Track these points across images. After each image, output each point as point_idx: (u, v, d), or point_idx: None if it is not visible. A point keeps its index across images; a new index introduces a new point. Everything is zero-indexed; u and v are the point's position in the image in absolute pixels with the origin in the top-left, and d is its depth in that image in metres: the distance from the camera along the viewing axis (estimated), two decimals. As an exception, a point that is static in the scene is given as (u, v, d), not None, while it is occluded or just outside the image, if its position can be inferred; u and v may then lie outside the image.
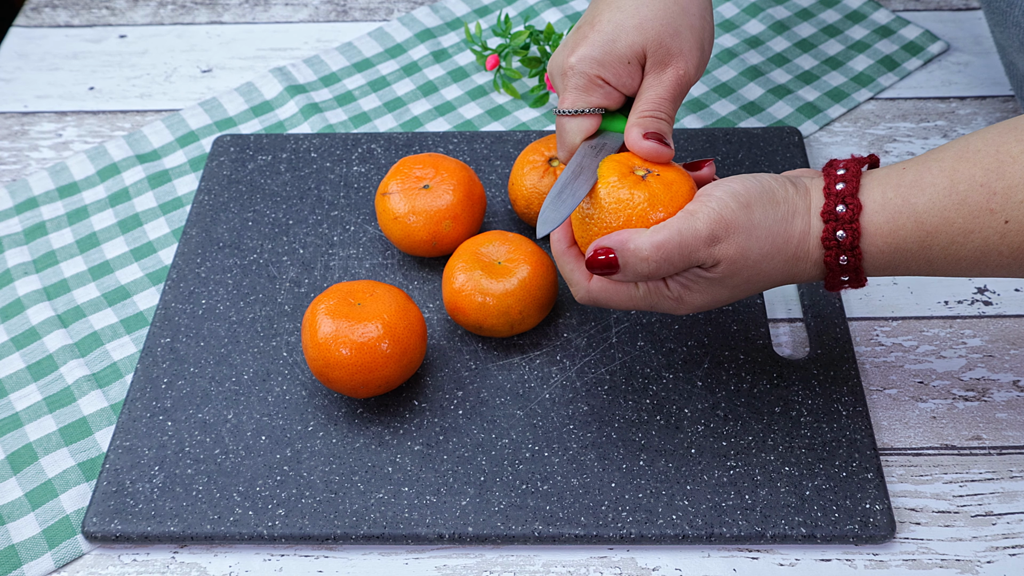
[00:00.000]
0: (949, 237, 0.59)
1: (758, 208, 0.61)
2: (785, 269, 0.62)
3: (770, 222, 0.61)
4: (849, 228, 0.60)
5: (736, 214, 0.60)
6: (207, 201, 0.87)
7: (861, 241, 0.60)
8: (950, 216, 0.59)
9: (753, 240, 0.61)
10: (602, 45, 0.67)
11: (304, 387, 0.75)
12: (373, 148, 0.91)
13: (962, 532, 0.67)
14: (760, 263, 0.62)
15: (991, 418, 0.73)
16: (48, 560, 0.68)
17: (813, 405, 0.72)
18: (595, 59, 0.67)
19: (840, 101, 0.96)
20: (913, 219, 0.59)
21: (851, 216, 0.60)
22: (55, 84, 1.01)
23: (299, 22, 1.07)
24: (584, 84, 0.67)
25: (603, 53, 0.67)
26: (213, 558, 0.68)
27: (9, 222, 0.88)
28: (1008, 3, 0.78)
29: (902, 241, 0.60)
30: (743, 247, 0.61)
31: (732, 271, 0.61)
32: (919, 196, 0.59)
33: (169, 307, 0.80)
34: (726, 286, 0.63)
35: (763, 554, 0.67)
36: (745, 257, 0.61)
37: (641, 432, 0.71)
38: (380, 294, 0.71)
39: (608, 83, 0.67)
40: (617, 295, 0.65)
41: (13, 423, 0.75)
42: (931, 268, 0.61)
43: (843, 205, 0.60)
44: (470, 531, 0.67)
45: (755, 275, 0.62)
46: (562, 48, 0.69)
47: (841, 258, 0.61)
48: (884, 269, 0.62)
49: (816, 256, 0.62)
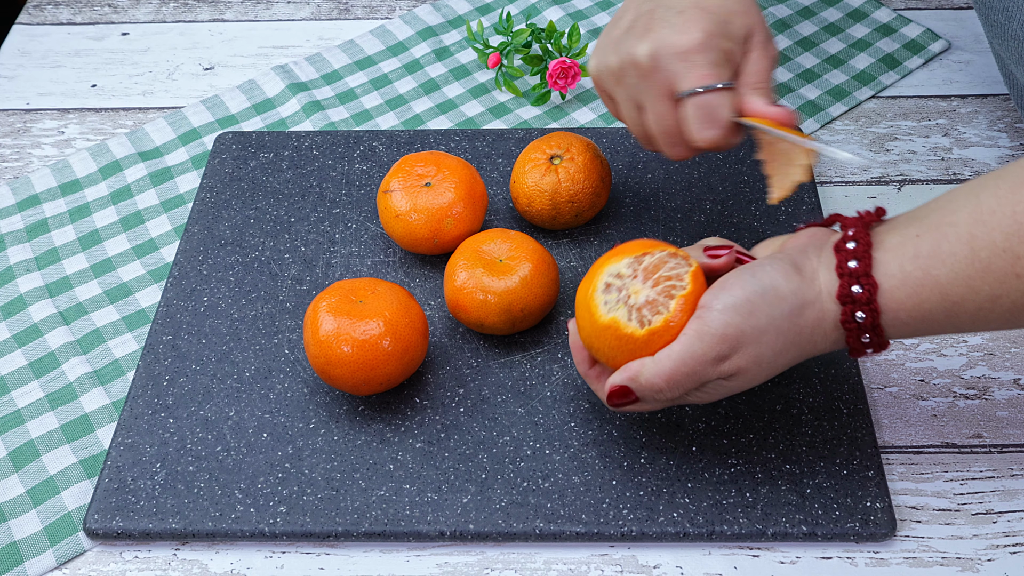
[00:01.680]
0: (976, 304, 0.57)
1: (763, 312, 0.59)
2: (803, 352, 0.61)
3: (778, 321, 0.60)
4: (868, 309, 0.58)
5: (741, 328, 0.59)
6: (209, 198, 0.88)
7: (882, 318, 0.59)
8: (975, 285, 0.57)
9: (764, 345, 0.60)
10: (719, 24, 0.67)
11: (305, 384, 0.75)
12: (375, 146, 0.91)
13: (963, 530, 0.67)
14: (776, 359, 0.61)
15: (992, 416, 0.73)
16: (50, 557, 0.68)
17: (814, 403, 0.72)
18: (719, 34, 0.66)
19: (841, 99, 0.96)
20: (937, 292, 0.58)
21: (868, 297, 0.58)
22: (57, 81, 1.01)
23: (301, 20, 1.08)
24: (719, 59, 0.67)
25: (723, 29, 0.67)
26: (215, 555, 0.68)
27: (11, 219, 0.88)
28: (1006, 16, 0.78)
29: (927, 314, 0.58)
30: (754, 355, 0.60)
31: (749, 373, 0.61)
32: (940, 268, 0.57)
33: (171, 304, 0.80)
34: (746, 383, 0.62)
35: (764, 552, 0.67)
36: (759, 362, 0.60)
37: (642, 430, 0.71)
38: (382, 292, 0.71)
39: (729, 56, 0.67)
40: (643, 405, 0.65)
41: (15, 420, 0.75)
42: (957, 330, 0.60)
43: (859, 286, 0.58)
44: (471, 528, 0.67)
45: (773, 368, 0.62)
46: (629, 41, 0.68)
47: (864, 337, 0.60)
48: (908, 335, 0.61)
49: (835, 336, 0.61)
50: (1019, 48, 0.78)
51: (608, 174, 0.81)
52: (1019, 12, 0.76)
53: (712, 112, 0.67)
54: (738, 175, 0.87)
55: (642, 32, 0.68)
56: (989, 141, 0.91)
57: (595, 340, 0.64)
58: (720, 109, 0.67)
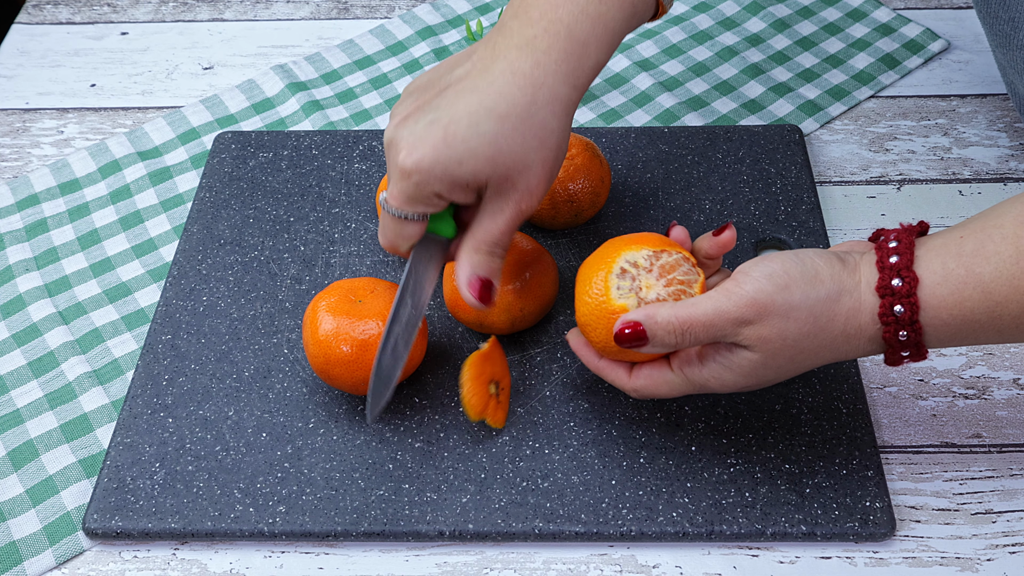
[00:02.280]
0: (1021, 306, 0.57)
1: (798, 289, 0.59)
2: (834, 347, 0.61)
3: (812, 302, 0.59)
4: (907, 302, 0.58)
5: (772, 297, 0.59)
6: (208, 198, 0.88)
7: (922, 315, 0.58)
8: (1020, 284, 0.56)
9: (792, 321, 0.59)
10: (445, 163, 0.62)
11: (305, 384, 0.75)
12: (374, 145, 0.91)
13: (962, 530, 0.67)
14: (801, 342, 0.60)
15: (991, 416, 0.73)
16: (49, 557, 0.68)
17: (813, 403, 0.72)
18: (435, 176, 0.62)
19: (841, 99, 0.96)
20: (980, 290, 0.57)
21: (908, 290, 0.58)
22: (57, 81, 1.01)
23: (300, 19, 1.08)
24: (416, 194, 0.63)
25: (444, 171, 0.62)
26: (214, 555, 0.68)
27: (10, 219, 0.88)
28: (1012, 26, 0.77)
29: (969, 312, 0.58)
30: (780, 329, 0.59)
31: (771, 352, 0.60)
32: (984, 266, 0.57)
33: (170, 304, 0.80)
34: (769, 368, 0.61)
35: (763, 551, 0.67)
36: (783, 338, 0.59)
37: (641, 429, 0.71)
38: (381, 291, 0.71)
39: (442, 197, 0.64)
40: (657, 385, 0.65)
41: (14, 419, 0.75)
42: (1000, 337, 0.59)
43: (899, 279, 0.58)
44: (471, 528, 0.67)
45: (798, 354, 0.61)
46: (403, 129, 0.63)
47: (900, 333, 0.59)
48: (949, 340, 0.60)
49: (871, 332, 0.60)
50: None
51: (607, 174, 0.81)
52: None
53: (387, 235, 0.66)
54: (738, 175, 0.87)
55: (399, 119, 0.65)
56: (989, 141, 0.91)
57: (596, 320, 0.64)
58: (394, 238, 0.66)
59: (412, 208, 0.64)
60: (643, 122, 0.94)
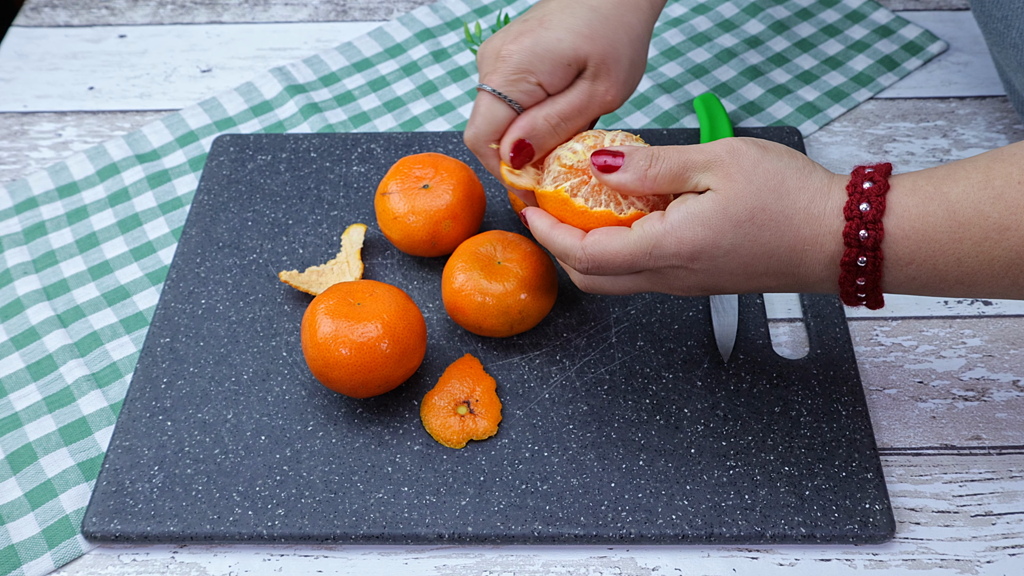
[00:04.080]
0: (983, 232, 0.57)
1: (773, 151, 0.60)
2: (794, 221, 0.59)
3: (783, 164, 0.59)
4: (875, 200, 0.58)
5: (748, 146, 0.59)
6: (207, 201, 0.87)
7: (886, 219, 0.58)
8: (984, 209, 0.56)
9: (760, 169, 0.59)
10: (547, 42, 0.67)
11: (304, 387, 0.75)
12: (373, 148, 0.91)
13: (962, 532, 0.67)
14: (765, 196, 0.59)
15: (991, 418, 0.73)
16: (48, 560, 0.68)
17: (813, 405, 0.72)
18: (535, 53, 0.66)
19: (840, 101, 0.96)
20: (945, 207, 0.57)
21: (878, 191, 0.58)
22: (55, 84, 1.01)
23: (299, 22, 1.07)
24: (514, 73, 0.67)
25: (545, 49, 0.66)
26: (213, 558, 0.68)
27: (9, 222, 0.88)
28: (1005, 24, 0.77)
29: (931, 229, 0.57)
30: (746, 170, 0.59)
31: (733, 192, 0.59)
32: (951, 187, 0.57)
33: (169, 307, 0.80)
34: (728, 219, 0.59)
35: (763, 554, 0.67)
36: (748, 180, 0.59)
37: (641, 432, 0.71)
38: (380, 294, 0.71)
39: (539, 82, 0.67)
40: (611, 245, 0.61)
41: (13, 423, 0.75)
42: (959, 268, 0.58)
43: (870, 182, 0.58)
44: (470, 531, 0.67)
45: (759, 211, 0.59)
46: (503, 33, 0.68)
47: (860, 259, 0.58)
48: (908, 264, 0.59)
49: (835, 225, 0.59)
50: (1018, 56, 0.78)
51: (606, 176, 0.81)
52: (1018, 20, 0.76)
53: (474, 115, 0.68)
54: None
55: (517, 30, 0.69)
56: (988, 142, 0.91)
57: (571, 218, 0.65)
58: (480, 117, 0.68)
59: (508, 88, 0.67)
60: (642, 124, 0.94)
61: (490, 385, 0.73)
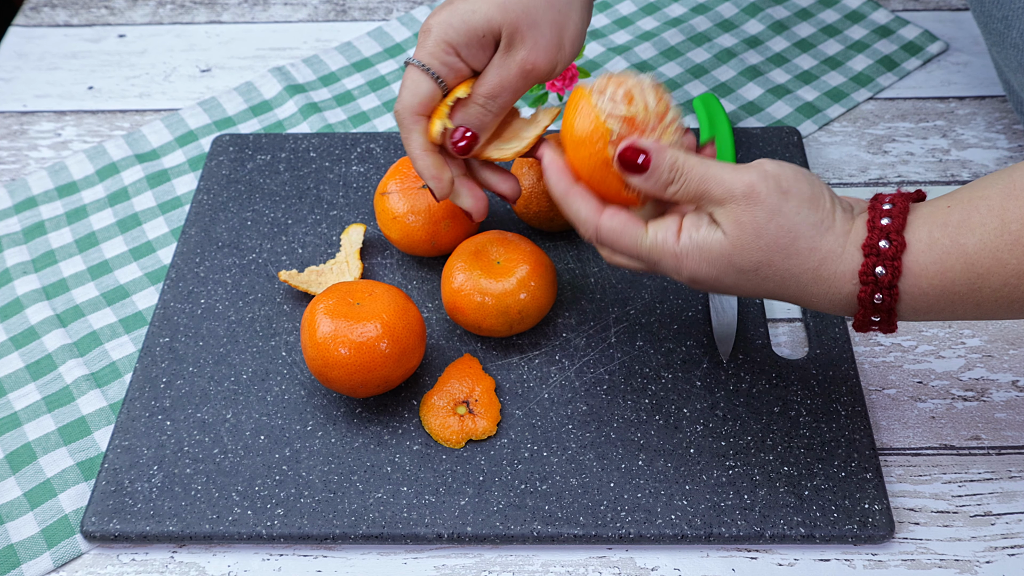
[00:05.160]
0: (1002, 279, 0.57)
1: (794, 200, 0.58)
2: (802, 281, 0.59)
3: (799, 219, 0.58)
4: (890, 265, 0.57)
5: (769, 191, 0.58)
6: (206, 201, 0.87)
7: (902, 281, 0.57)
8: (1003, 257, 0.56)
9: (773, 224, 0.58)
10: (462, 14, 0.67)
11: (303, 387, 0.75)
12: (372, 148, 0.91)
13: (961, 532, 0.67)
14: (772, 253, 0.58)
15: (990, 418, 0.73)
16: (47, 560, 0.68)
17: (812, 405, 0.72)
18: (452, 25, 0.67)
19: (839, 101, 0.96)
20: (963, 260, 0.57)
21: (894, 253, 0.57)
22: (54, 83, 1.01)
23: (298, 22, 1.07)
24: (434, 46, 0.67)
25: (460, 21, 0.66)
26: (212, 558, 0.68)
27: (8, 221, 0.88)
28: (1005, 25, 0.77)
29: (951, 284, 0.57)
30: (758, 224, 0.58)
31: (740, 245, 0.58)
32: (968, 237, 0.57)
33: (168, 306, 0.80)
34: (731, 265, 0.59)
35: (762, 554, 0.67)
36: (757, 235, 0.58)
37: (640, 432, 0.71)
38: (379, 294, 0.71)
39: (459, 54, 0.67)
40: (624, 229, 0.61)
41: (12, 423, 0.75)
42: (979, 312, 0.59)
43: (887, 241, 0.57)
44: (469, 531, 0.67)
45: (764, 266, 0.59)
46: (434, 11, 0.69)
47: (876, 296, 0.58)
48: (927, 312, 0.59)
49: (847, 288, 0.59)
50: (1018, 56, 0.78)
51: (606, 176, 0.81)
52: (1018, 21, 0.76)
53: (402, 89, 0.69)
54: (736, 177, 0.87)
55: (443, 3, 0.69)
56: (987, 143, 0.91)
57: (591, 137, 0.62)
58: (406, 90, 0.68)
59: (431, 60, 0.67)
60: (641, 124, 0.94)
61: (489, 385, 0.73)
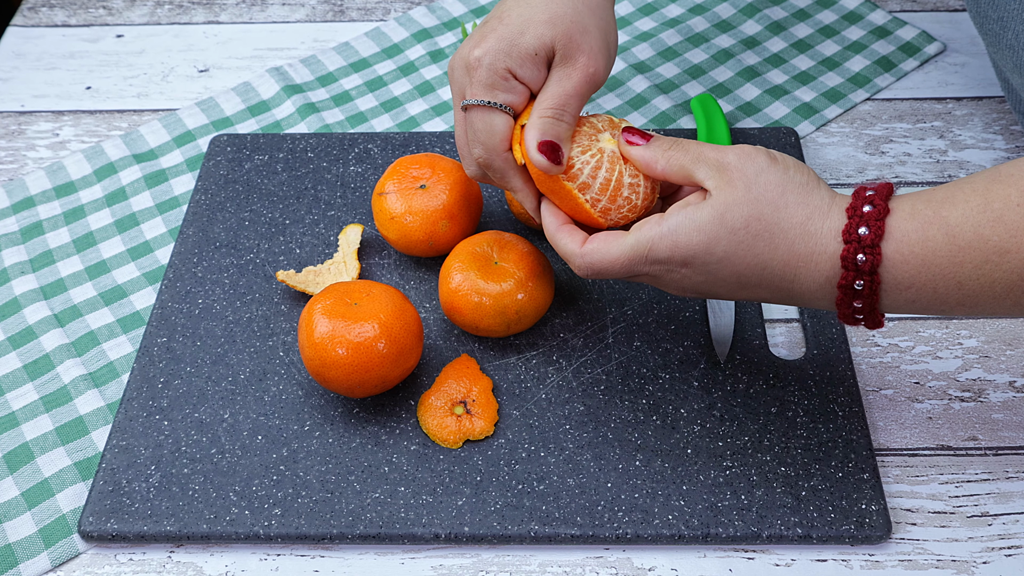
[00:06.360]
0: (983, 255, 0.56)
1: (782, 164, 0.60)
2: (789, 235, 0.59)
3: (787, 178, 0.60)
4: (874, 224, 0.57)
5: (758, 153, 0.60)
6: (204, 201, 0.87)
7: (884, 244, 0.57)
8: (984, 233, 0.56)
9: (762, 179, 0.59)
10: (509, 38, 0.65)
11: (300, 387, 0.75)
12: (370, 148, 0.91)
13: (958, 533, 0.67)
14: (763, 206, 0.59)
15: (987, 419, 0.73)
16: (44, 559, 0.68)
17: (809, 405, 0.72)
18: (502, 51, 0.65)
19: (837, 102, 0.96)
20: (944, 231, 0.57)
21: (877, 215, 0.57)
22: (52, 83, 1.01)
23: (296, 22, 1.07)
24: (489, 78, 0.66)
25: (510, 45, 0.65)
26: (209, 557, 0.68)
27: (6, 221, 0.88)
28: (1001, 26, 0.77)
29: (931, 254, 0.57)
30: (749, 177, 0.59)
31: (731, 200, 0.59)
32: (951, 210, 0.57)
33: (166, 306, 0.80)
34: (724, 225, 0.59)
35: (759, 554, 0.67)
36: (748, 188, 0.59)
37: (637, 432, 0.71)
38: (376, 294, 0.71)
39: (516, 76, 0.66)
40: (608, 253, 0.62)
41: (9, 422, 0.75)
42: (960, 291, 0.58)
43: (870, 205, 0.58)
44: (466, 531, 0.67)
45: (754, 220, 0.59)
46: (467, 43, 0.67)
47: (859, 256, 0.58)
48: (907, 289, 0.59)
49: (832, 248, 0.59)
50: (1014, 57, 0.78)
51: (603, 176, 0.81)
52: (1014, 22, 0.76)
53: (472, 134, 0.67)
54: (733, 177, 0.87)
55: (479, 35, 0.67)
56: (984, 143, 0.91)
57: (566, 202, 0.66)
58: (479, 133, 0.67)
59: (492, 93, 0.66)
60: (639, 125, 0.94)
61: (487, 385, 0.73)
